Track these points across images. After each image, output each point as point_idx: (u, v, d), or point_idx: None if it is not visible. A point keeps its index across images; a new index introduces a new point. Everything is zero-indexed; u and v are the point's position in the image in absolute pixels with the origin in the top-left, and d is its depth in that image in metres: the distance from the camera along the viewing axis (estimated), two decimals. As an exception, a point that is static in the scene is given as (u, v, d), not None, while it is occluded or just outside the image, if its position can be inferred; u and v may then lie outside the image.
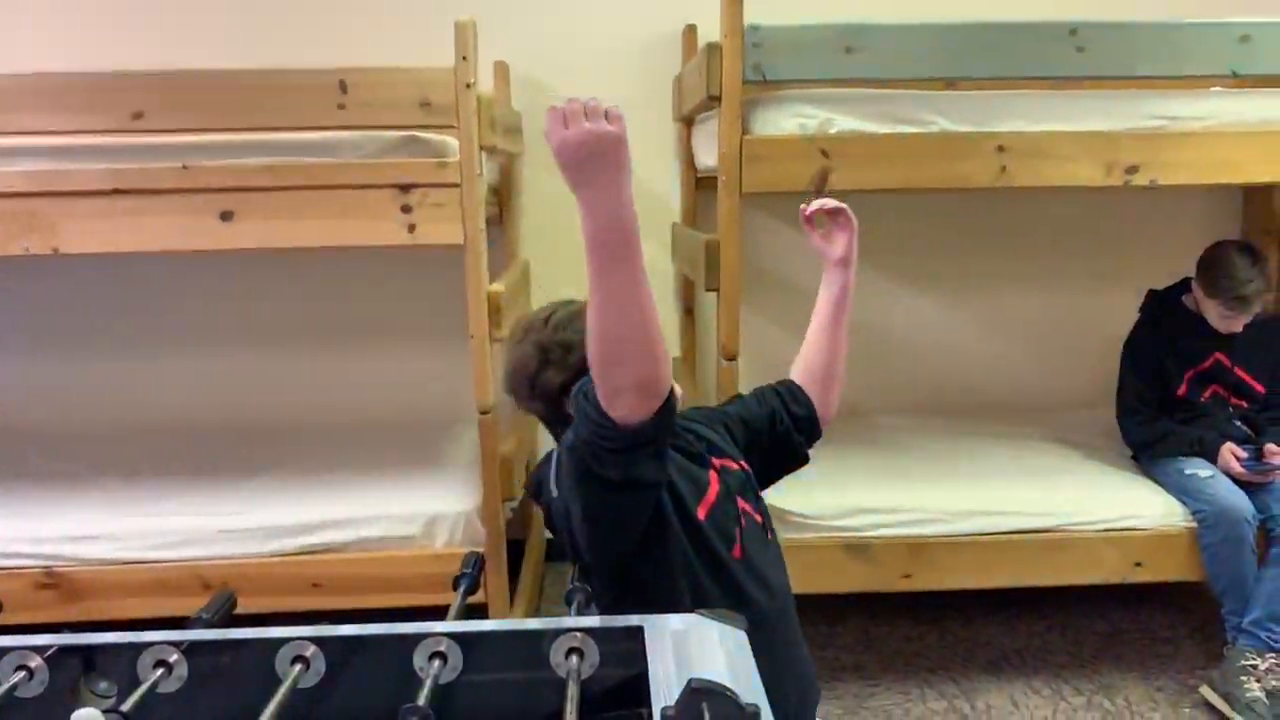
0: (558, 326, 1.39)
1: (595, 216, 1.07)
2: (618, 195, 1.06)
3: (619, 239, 1.08)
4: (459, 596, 1.21)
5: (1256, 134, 2.35)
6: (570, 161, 1.06)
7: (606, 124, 1.05)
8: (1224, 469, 2.52)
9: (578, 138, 1.05)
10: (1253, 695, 2.32)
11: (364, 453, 2.84)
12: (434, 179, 2.22)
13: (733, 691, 0.86)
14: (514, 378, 1.41)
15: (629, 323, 1.10)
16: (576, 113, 1.05)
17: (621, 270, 1.08)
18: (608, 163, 1.05)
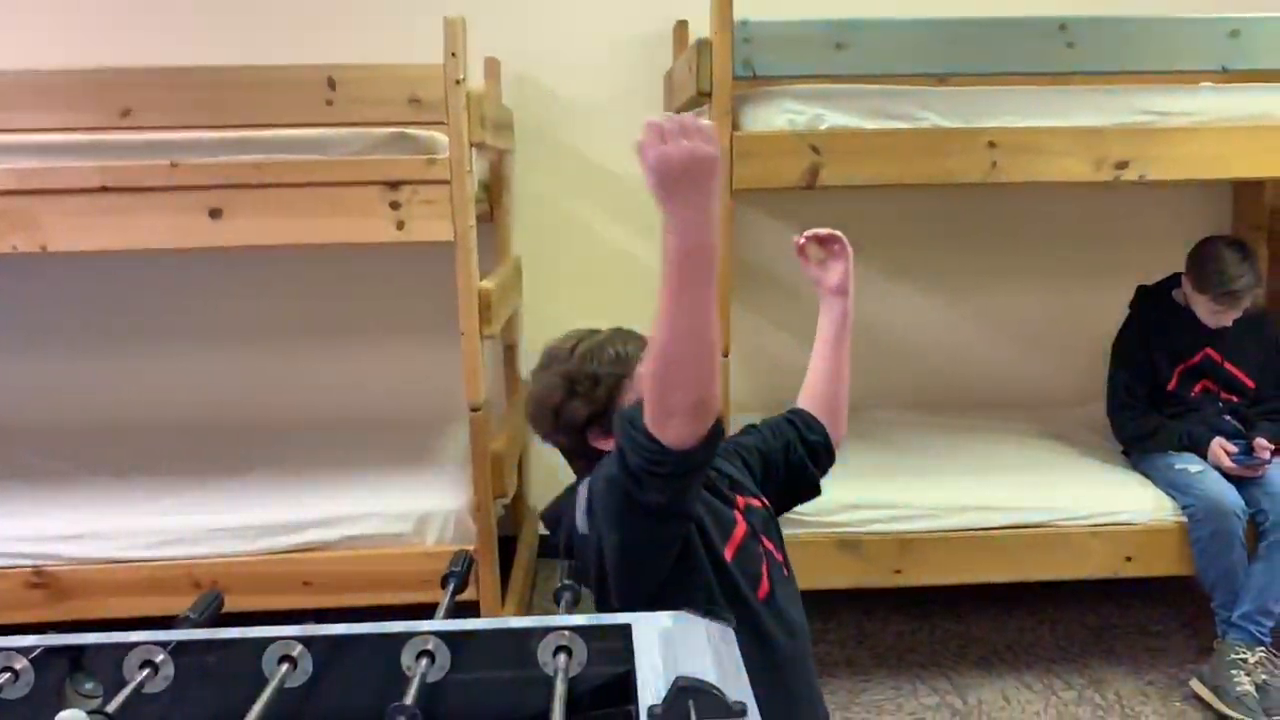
0: (585, 358, 1.37)
1: (683, 235, 1.04)
2: (707, 215, 1.03)
3: (701, 259, 1.05)
4: (447, 595, 1.21)
5: (1246, 129, 2.35)
6: (666, 178, 1.02)
7: (702, 142, 1.02)
8: (1214, 463, 2.53)
9: (679, 155, 1.01)
10: (1242, 689, 2.33)
11: (355, 450, 2.84)
12: (423, 176, 2.22)
13: (719, 689, 0.86)
14: (538, 408, 1.40)
15: (697, 344, 1.07)
16: (676, 129, 1.01)
17: (698, 291, 1.06)
18: (703, 182, 1.02)
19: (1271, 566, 2.39)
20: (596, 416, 1.35)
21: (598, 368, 1.35)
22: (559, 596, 1.19)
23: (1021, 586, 2.74)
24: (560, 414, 1.36)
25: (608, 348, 1.38)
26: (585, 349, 1.38)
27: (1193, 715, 2.40)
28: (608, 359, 1.37)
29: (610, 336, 1.41)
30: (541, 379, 1.40)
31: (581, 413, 1.35)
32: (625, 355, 1.38)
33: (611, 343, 1.39)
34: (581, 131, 3.23)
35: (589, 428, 1.35)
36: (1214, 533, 2.41)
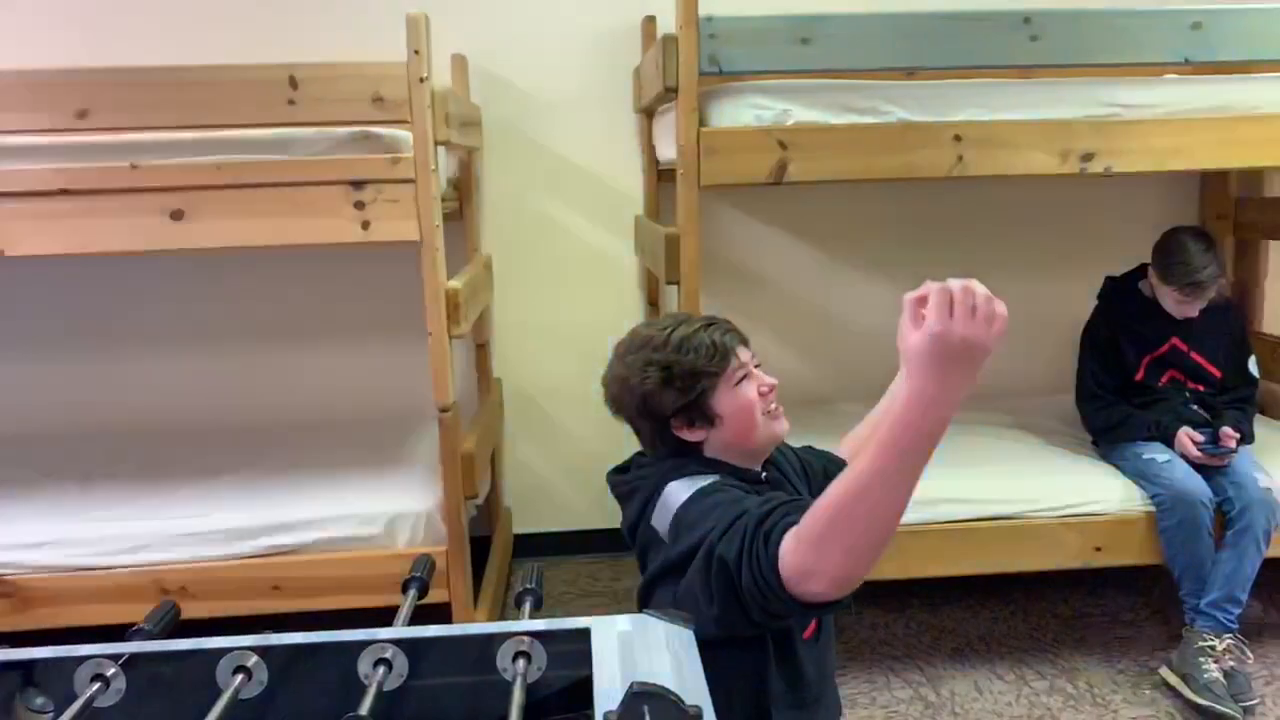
0: (682, 348, 1.32)
1: (925, 410, 0.95)
2: (956, 399, 0.95)
3: (928, 436, 0.96)
4: (407, 601, 1.19)
5: (1208, 120, 2.37)
6: (940, 354, 0.93)
7: (990, 332, 0.92)
8: (1181, 453, 2.55)
9: (964, 337, 0.91)
10: (1210, 676, 2.35)
11: (324, 453, 2.82)
12: (387, 175, 2.20)
13: (675, 694, 0.85)
14: (625, 391, 1.36)
15: (886, 515, 0.99)
16: (968, 307, 0.92)
17: (912, 465, 0.98)
18: (971, 369, 0.94)
19: (1238, 555, 2.41)
20: (685, 409, 1.32)
21: (696, 360, 1.31)
22: (520, 601, 1.18)
23: (995, 577, 2.76)
24: (648, 401, 1.32)
25: (705, 338, 1.33)
26: (681, 337, 1.33)
27: (1162, 703, 2.42)
28: (706, 352, 1.32)
29: (706, 325, 1.36)
30: (631, 362, 1.35)
31: (673, 405, 1.32)
32: (723, 348, 1.33)
33: (709, 332, 1.34)
34: (551, 128, 3.22)
35: (674, 417, 1.33)
36: (1181, 522, 2.43)
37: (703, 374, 1.30)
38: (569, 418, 3.37)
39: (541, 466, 3.41)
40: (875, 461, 0.97)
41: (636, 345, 1.36)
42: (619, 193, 3.28)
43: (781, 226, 3.33)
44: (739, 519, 1.13)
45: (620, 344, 1.40)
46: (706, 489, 1.23)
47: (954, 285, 0.92)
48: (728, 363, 1.32)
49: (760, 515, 1.10)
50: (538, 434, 3.37)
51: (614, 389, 1.38)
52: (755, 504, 1.14)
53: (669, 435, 1.34)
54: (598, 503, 3.43)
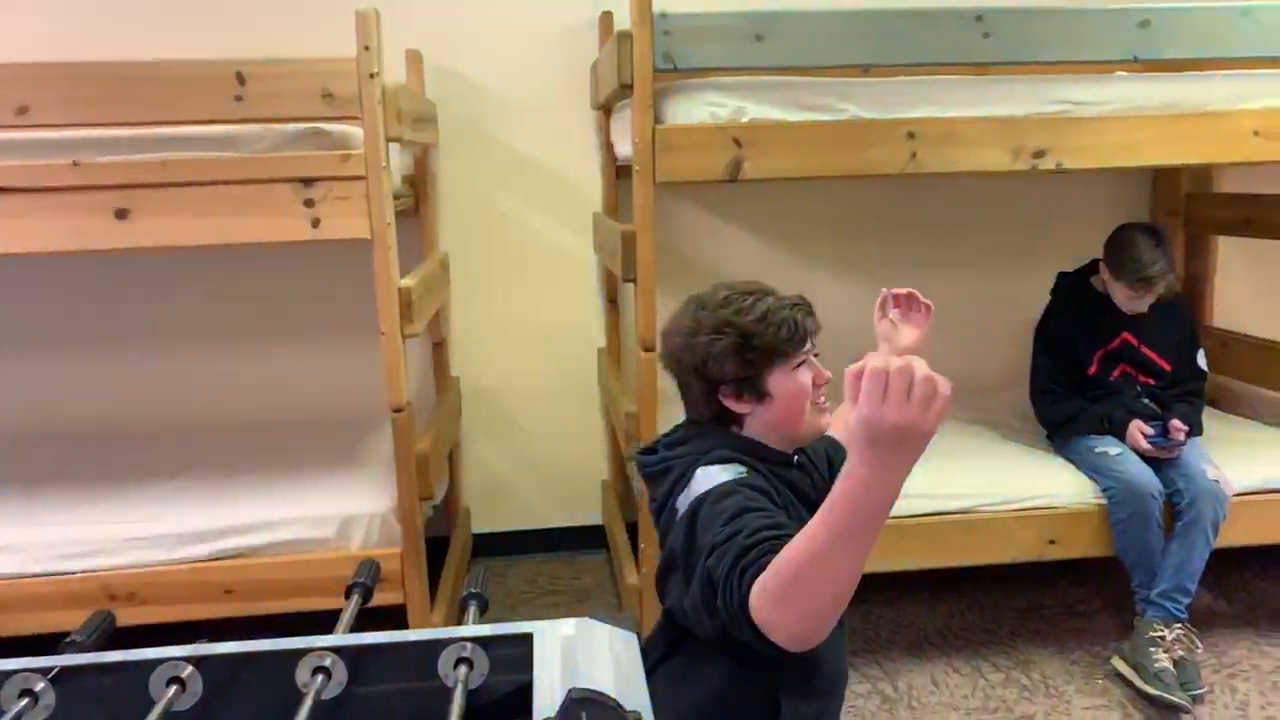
0: (765, 320, 1.28)
1: (867, 488, 0.91)
2: (898, 481, 0.91)
3: (873, 512, 0.93)
4: (350, 607, 1.18)
5: (1156, 118, 2.40)
6: (871, 440, 0.89)
7: (927, 417, 0.87)
8: (1132, 445, 2.58)
9: (895, 424, 0.87)
10: (1160, 665, 2.38)
11: (276, 454, 2.78)
12: (338, 172, 2.16)
13: (615, 700, 0.84)
14: (688, 347, 1.31)
15: (839, 580, 0.97)
16: (900, 391, 0.87)
17: (860, 539, 0.95)
18: (909, 454, 0.89)
19: (1187, 545, 2.45)
20: (742, 380, 1.29)
21: (775, 337, 1.27)
22: (465, 605, 1.17)
23: (952, 571, 2.78)
24: (710, 363, 1.29)
25: (789, 315, 1.29)
26: (766, 309, 1.29)
27: (1114, 693, 2.45)
28: (786, 331, 1.28)
29: (792, 304, 1.31)
30: (704, 318, 1.31)
31: (731, 372, 1.28)
32: (802, 331, 1.30)
33: (793, 310, 1.30)
34: (509, 124, 3.19)
35: (726, 384, 1.29)
36: (1132, 514, 2.46)
37: (775, 352, 1.28)
38: (529, 416, 3.35)
39: (501, 465, 3.39)
40: (824, 533, 0.94)
41: (716, 303, 1.32)
42: (577, 189, 3.26)
43: (740, 224, 3.33)
44: (730, 540, 1.10)
45: (698, 297, 1.36)
46: (728, 487, 1.20)
47: (892, 365, 0.87)
48: (802, 346, 1.30)
49: (743, 547, 1.08)
50: (497, 432, 3.35)
51: (679, 340, 1.33)
52: (750, 526, 1.11)
53: (715, 401, 1.31)
54: (558, 501, 3.42)
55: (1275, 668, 2.54)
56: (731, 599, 1.06)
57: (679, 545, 1.22)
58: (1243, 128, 2.41)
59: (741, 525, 1.11)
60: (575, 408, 3.36)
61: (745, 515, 1.13)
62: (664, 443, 1.39)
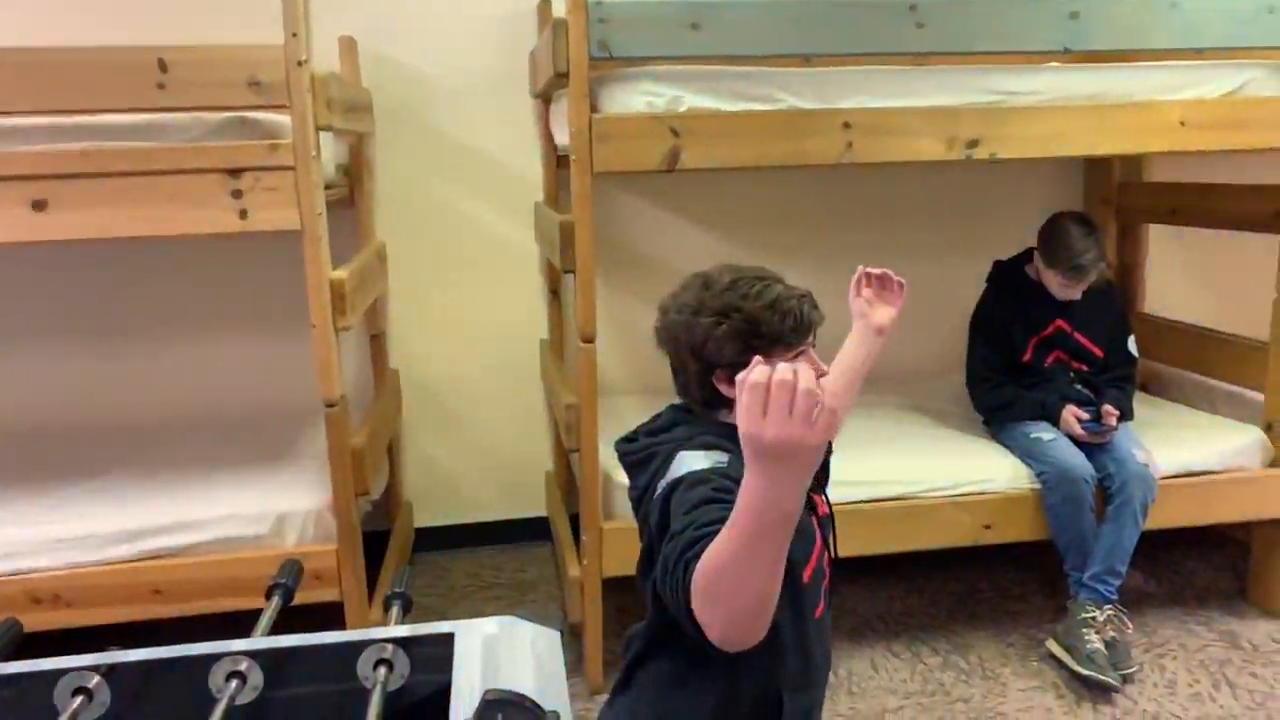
0: (773, 308, 1.24)
1: (764, 500, 0.89)
2: (793, 493, 0.89)
3: (775, 523, 0.90)
4: (270, 609, 1.15)
5: (1086, 108, 2.43)
6: (756, 454, 0.87)
7: (812, 431, 0.84)
8: (1066, 431, 2.62)
9: (775, 439, 0.84)
10: (1092, 647, 2.43)
11: (208, 451, 2.72)
12: (266, 162, 2.11)
13: (533, 701, 0.83)
14: (688, 327, 1.27)
15: (754, 588, 0.95)
16: (781, 406, 0.84)
17: (765, 546, 0.92)
18: (797, 467, 0.87)
19: (1118, 529, 2.50)
20: (740, 366, 1.25)
21: (781, 326, 1.24)
22: (388, 604, 1.15)
23: (892, 557, 2.81)
24: (710, 344, 1.25)
25: (796, 306, 1.26)
26: (775, 296, 1.25)
27: (1048, 674, 2.50)
28: (792, 321, 1.25)
29: (799, 295, 1.28)
30: (708, 298, 1.26)
31: (730, 357, 1.24)
32: (807, 324, 1.27)
33: (800, 302, 1.27)
34: (447, 112, 3.15)
35: (724, 368, 1.25)
36: (1065, 498, 2.51)
37: (779, 341, 1.25)
38: (471, 408, 3.32)
39: (443, 458, 3.35)
40: (733, 541, 0.92)
41: (723, 285, 1.27)
42: (518, 179, 3.23)
43: (683, 213, 3.32)
44: (684, 532, 1.08)
45: (703, 275, 1.31)
46: (702, 474, 1.17)
47: (776, 377, 0.84)
48: (805, 338, 1.28)
49: (692, 539, 1.05)
50: (439, 425, 3.32)
51: (679, 317, 1.28)
52: (704, 518, 1.08)
53: (709, 384, 1.27)
54: (502, 493, 3.39)
55: (1201, 646, 2.61)
56: (677, 590, 1.05)
57: (654, 529, 1.20)
58: (1169, 118, 2.45)
59: (698, 516, 1.09)
60: (518, 400, 3.34)
61: (707, 506, 1.11)
62: (645, 429, 1.36)
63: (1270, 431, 2.74)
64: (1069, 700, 2.39)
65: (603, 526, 2.41)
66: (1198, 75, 2.50)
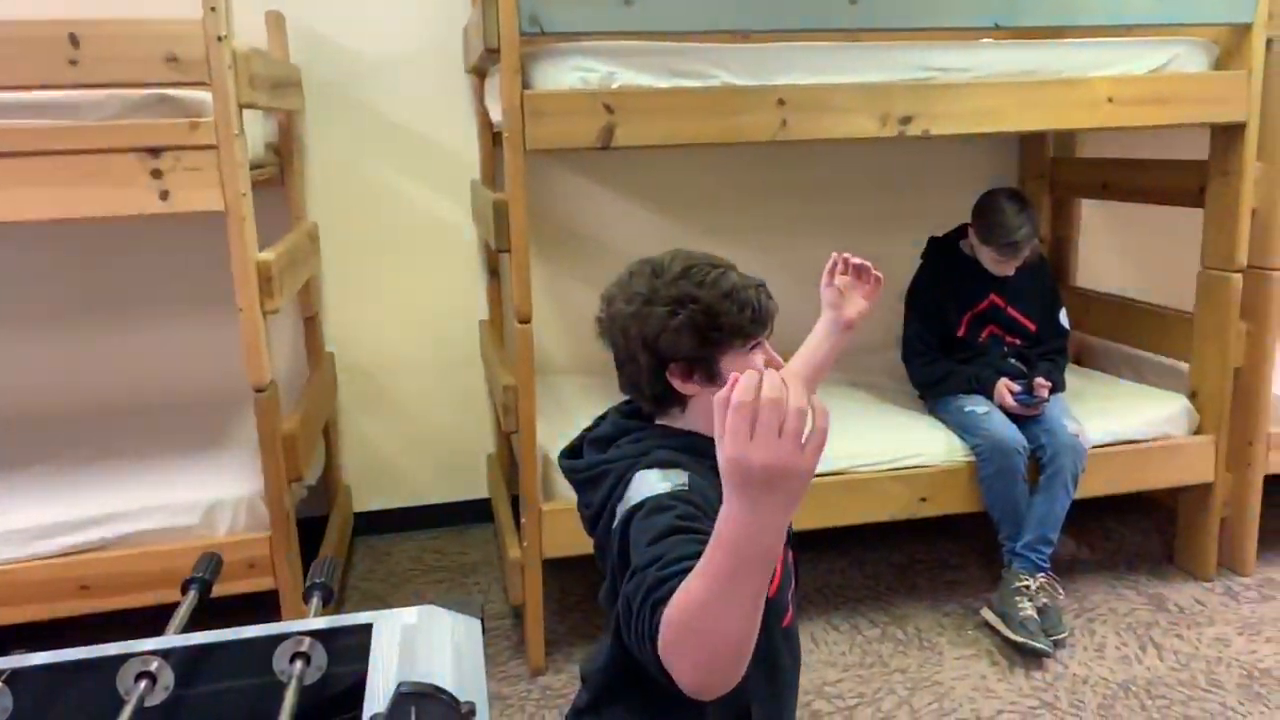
0: (730, 297, 1.17)
1: (745, 533, 0.82)
2: (779, 524, 0.82)
3: (757, 558, 0.84)
4: (184, 605, 1.12)
5: (1017, 84, 2.45)
6: (741, 482, 0.79)
7: (804, 455, 0.78)
8: (999, 404, 2.66)
9: (765, 465, 0.77)
10: (1025, 614, 2.48)
11: (134, 440, 2.65)
12: (187, 141, 2.05)
13: (448, 693, 0.82)
14: (639, 317, 1.17)
15: (725, 636, 0.87)
16: (770, 428, 0.77)
17: (745, 585, 0.85)
18: (785, 496, 0.80)
19: (1050, 498, 2.55)
20: (695, 360, 1.17)
21: (740, 317, 1.16)
22: (309, 595, 1.13)
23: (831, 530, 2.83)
24: (664, 337, 1.16)
25: (754, 297, 1.19)
26: (732, 285, 1.17)
27: (983, 642, 2.55)
28: (751, 312, 1.18)
29: (756, 285, 1.21)
30: (660, 287, 1.17)
31: (684, 350, 1.16)
32: (765, 315, 1.20)
33: (758, 292, 1.20)
34: (380, 89, 3.08)
35: (678, 361, 1.17)
36: (999, 470, 2.55)
37: (738, 332, 1.17)
38: (410, 390, 3.28)
39: (382, 442, 3.31)
40: (708, 580, 0.85)
41: (675, 273, 1.19)
42: (454, 157, 3.18)
43: (621, 191, 3.30)
44: (649, 568, 0.99)
45: (651, 262, 1.22)
46: (662, 501, 1.08)
47: (765, 395, 0.77)
48: (762, 330, 1.21)
49: (658, 578, 0.96)
50: (377, 408, 3.27)
51: (629, 307, 1.19)
52: (671, 554, 0.99)
53: (661, 379, 1.19)
54: (442, 476, 3.36)
55: (1130, 610, 2.68)
56: (642, 633, 0.96)
57: (615, 560, 1.12)
58: (1097, 94, 2.48)
59: (663, 550, 1.00)
60: (458, 382, 3.30)
61: (671, 538, 1.02)
62: (590, 438, 1.28)
63: (1195, 400, 2.81)
64: (1003, 667, 2.44)
65: (542, 508, 2.40)
66: (1125, 52, 2.54)
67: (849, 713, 2.28)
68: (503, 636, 2.66)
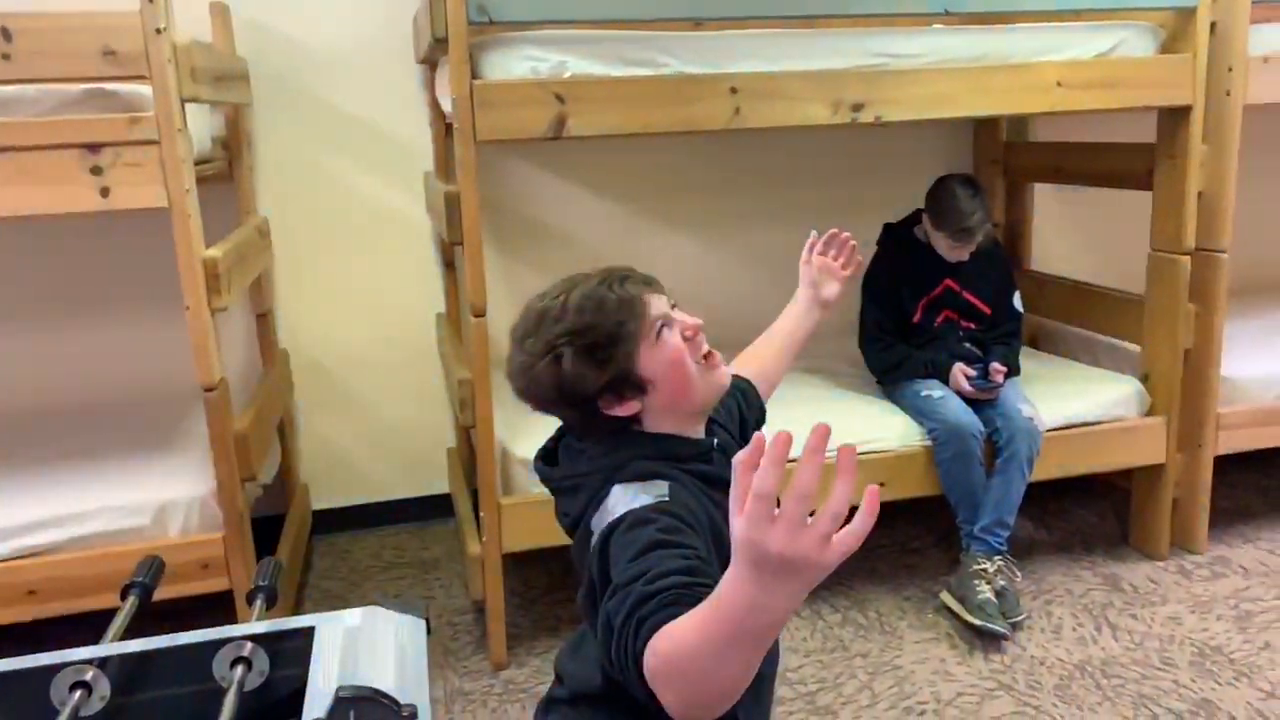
0: (584, 312, 1.13)
1: (751, 609, 0.78)
2: (784, 605, 0.78)
3: (761, 631, 0.80)
4: (124, 611, 1.09)
5: (968, 70, 2.46)
6: (753, 562, 0.75)
7: (828, 553, 0.74)
8: (955, 388, 2.68)
9: (781, 555, 0.73)
10: (983, 597, 2.50)
11: (84, 441, 2.59)
12: (127, 136, 2.00)
13: (389, 696, 0.81)
14: (534, 383, 1.15)
15: (718, 684, 0.85)
16: (795, 521, 0.73)
17: (738, 651, 0.82)
18: (800, 585, 0.76)
19: (1006, 482, 2.57)
20: (610, 384, 1.13)
21: (607, 321, 1.12)
22: (251, 598, 1.11)
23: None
24: (566, 386, 1.12)
25: (608, 294, 1.14)
26: (581, 298, 1.13)
27: (943, 625, 2.57)
28: (614, 309, 1.13)
29: (603, 280, 1.17)
30: (531, 346, 1.15)
31: (594, 383, 1.12)
32: (631, 299, 1.14)
33: (609, 287, 1.15)
34: (331, 81, 3.04)
35: (600, 396, 1.13)
36: (956, 454, 2.57)
37: (619, 336, 1.12)
38: (367, 386, 3.24)
39: (341, 438, 3.27)
40: (699, 638, 0.82)
41: (532, 325, 1.16)
42: (407, 148, 3.14)
43: (576, 181, 3.28)
44: (632, 585, 0.96)
45: (514, 329, 1.20)
46: (643, 515, 1.05)
47: (796, 489, 0.72)
48: (643, 315, 1.15)
49: (643, 595, 0.94)
50: (334, 404, 3.23)
51: (521, 382, 1.17)
52: (655, 569, 0.96)
53: (600, 418, 1.15)
54: (402, 471, 3.33)
55: (1086, 591, 2.72)
56: (625, 652, 0.93)
57: (595, 576, 1.09)
58: (1046, 79, 2.50)
59: (647, 566, 0.97)
60: (417, 376, 3.27)
61: (654, 553, 0.99)
62: (566, 445, 1.24)
63: (1147, 382, 2.85)
64: (962, 650, 2.46)
65: (501, 502, 2.38)
66: (1073, 37, 2.56)
67: (810, 698, 2.29)
68: (465, 632, 2.64)
